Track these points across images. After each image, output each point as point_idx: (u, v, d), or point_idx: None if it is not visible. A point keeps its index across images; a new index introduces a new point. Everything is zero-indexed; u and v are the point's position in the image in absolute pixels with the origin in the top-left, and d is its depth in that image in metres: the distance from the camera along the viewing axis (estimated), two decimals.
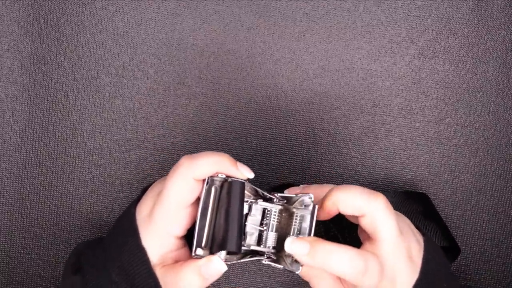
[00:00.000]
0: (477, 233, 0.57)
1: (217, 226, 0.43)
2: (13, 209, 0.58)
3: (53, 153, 0.58)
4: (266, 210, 0.46)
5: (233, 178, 0.44)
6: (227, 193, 0.44)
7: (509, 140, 0.57)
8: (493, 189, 0.57)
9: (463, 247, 0.57)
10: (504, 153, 0.57)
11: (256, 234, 0.47)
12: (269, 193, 0.47)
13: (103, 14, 0.57)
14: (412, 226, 0.48)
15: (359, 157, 0.57)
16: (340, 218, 0.48)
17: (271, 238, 0.46)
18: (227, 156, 0.44)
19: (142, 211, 0.46)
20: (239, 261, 0.46)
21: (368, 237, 0.45)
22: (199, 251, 0.43)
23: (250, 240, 0.46)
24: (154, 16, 0.57)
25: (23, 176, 0.58)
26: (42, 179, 0.58)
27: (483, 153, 0.57)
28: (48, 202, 0.58)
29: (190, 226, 0.45)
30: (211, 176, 0.44)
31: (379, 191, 0.49)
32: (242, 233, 0.44)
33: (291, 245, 0.43)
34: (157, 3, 0.56)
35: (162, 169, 0.57)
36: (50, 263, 0.58)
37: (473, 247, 0.57)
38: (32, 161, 0.58)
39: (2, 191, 0.58)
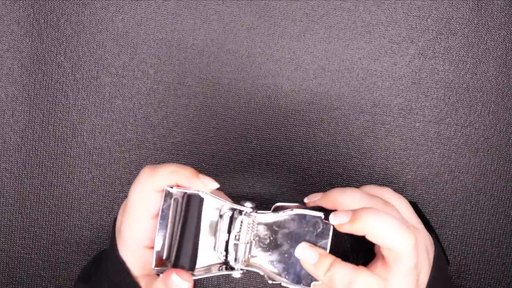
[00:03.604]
0: (477, 233, 0.57)
1: (174, 241, 0.43)
2: (13, 209, 0.58)
3: (53, 153, 0.58)
4: (240, 221, 0.45)
5: (192, 192, 0.43)
6: (185, 207, 0.43)
7: (509, 140, 0.57)
8: (493, 189, 0.57)
9: (463, 247, 0.57)
10: (504, 153, 0.57)
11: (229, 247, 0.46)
12: (239, 204, 0.45)
13: (103, 14, 0.57)
14: (428, 242, 0.46)
15: (359, 157, 0.57)
16: None
17: (243, 251, 0.45)
18: (189, 168, 0.43)
19: (117, 224, 0.46)
20: (207, 275, 0.44)
21: (383, 257, 0.43)
22: (159, 265, 0.43)
23: (233, 256, 0.45)
24: (154, 16, 0.57)
25: (23, 176, 0.58)
26: (42, 179, 0.58)
27: (483, 153, 0.57)
28: (48, 202, 0.58)
29: None
30: (170, 188, 0.43)
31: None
32: (196, 250, 0.43)
33: (303, 250, 0.43)
34: (157, 3, 0.56)
35: None
36: (50, 263, 0.58)
37: (473, 247, 0.57)
38: (32, 161, 0.58)
39: (2, 191, 0.58)
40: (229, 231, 0.45)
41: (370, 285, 0.42)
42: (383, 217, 0.42)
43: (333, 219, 0.43)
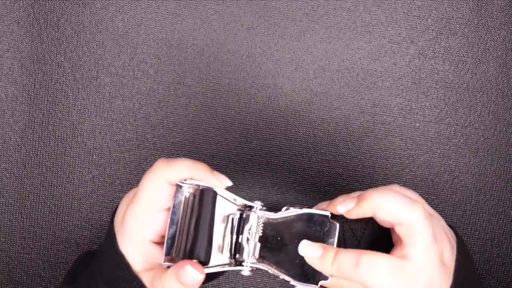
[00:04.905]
0: (477, 233, 0.57)
1: (187, 234, 0.43)
2: (13, 209, 0.58)
3: (53, 153, 0.58)
4: (249, 219, 0.46)
5: (205, 186, 0.43)
6: (199, 201, 0.43)
7: (509, 140, 0.57)
8: (493, 189, 0.57)
9: None
10: (504, 153, 0.57)
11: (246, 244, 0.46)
12: (252, 201, 0.46)
13: (103, 14, 0.57)
14: (446, 228, 0.46)
15: (359, 157, 0.57)
16: None
17: (252, 248, 0.45)
18: (204, 164, 0.44)
19: (118, 216, 0.45)
20: (217, 270, 0.44)
21: (401, 240, 0.43)
22: (168, 260, 0.42)
23: (246, 252, 0.46)
24: (154, 16, 0.57)
25: (23, 176, 0.58)
26: (42, 179, 0.58)
27: (483, 153, 0.57)
28: (48, 202, 0.58)
29: None
30: (183, 183, 0.43)
31: None
32: (211, 243, 0.43)
33: (306, 247, 0.44)
34: (157, 3, 0.57)
35: None
36: (50, 263, 0.58)
37: (473, 247, 0.57)
38: (32, 161, 0.58)
39: (2, 191, 0.58)
40: (237, 230, 0.46)
41: (378, 263, 0.42)
42: (388, 193, 0.42)
43: (341, 208, 0.43)
